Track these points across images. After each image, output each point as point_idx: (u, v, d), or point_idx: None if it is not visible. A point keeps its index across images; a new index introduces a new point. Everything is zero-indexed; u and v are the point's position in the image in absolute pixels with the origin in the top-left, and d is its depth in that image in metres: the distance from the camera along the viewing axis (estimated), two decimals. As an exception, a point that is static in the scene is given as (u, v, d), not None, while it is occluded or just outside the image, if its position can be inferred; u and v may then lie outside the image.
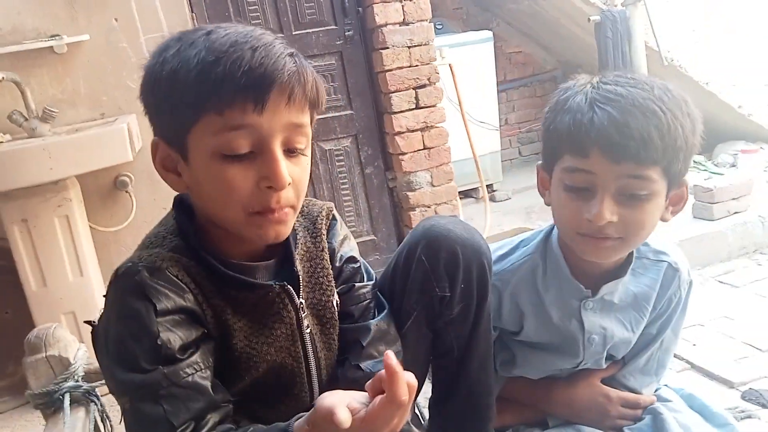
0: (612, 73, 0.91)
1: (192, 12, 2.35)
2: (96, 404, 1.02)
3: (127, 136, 1.88)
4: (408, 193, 2.62)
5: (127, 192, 2.20)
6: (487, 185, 3.26)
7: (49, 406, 0.98)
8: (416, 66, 2.57)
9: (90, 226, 2.07)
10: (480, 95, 3.50)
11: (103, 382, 1.06)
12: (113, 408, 1.26)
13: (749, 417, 1.17)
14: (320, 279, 0.87)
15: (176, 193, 0.82)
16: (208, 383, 0.73)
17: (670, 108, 0.85)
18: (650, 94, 0.85)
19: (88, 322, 0.81)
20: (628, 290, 1.03)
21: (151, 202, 2.26)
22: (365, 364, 0.87)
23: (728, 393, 1.61)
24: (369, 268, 0.97)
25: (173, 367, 0.71)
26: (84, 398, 1.01)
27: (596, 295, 1.01)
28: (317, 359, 0.86)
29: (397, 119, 2.56)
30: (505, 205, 3.49)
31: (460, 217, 2.71)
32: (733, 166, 3.49)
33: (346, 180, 2.68)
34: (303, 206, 0.89)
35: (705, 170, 3.50)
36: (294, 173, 0.73)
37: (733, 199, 2.68)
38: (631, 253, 1.01)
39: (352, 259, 0.92)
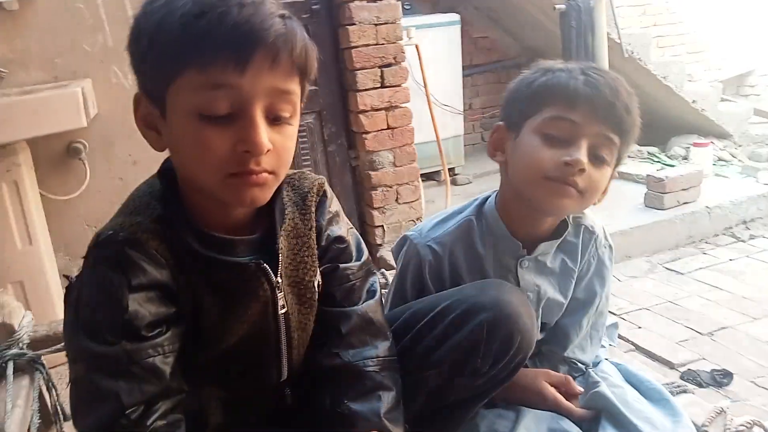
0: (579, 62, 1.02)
1: (153, -24, 2.27)
2: (41, 373, 1.00)
3: (81, 101, 1.81)
4: (370, 173, 2.62)
5: (80, 160, 2.13)
6: (449, 168, 3.29)
7: (-8, 372, 0.96)
8: (382, 44, 2.55)
9: (41, 194, 1.99)
10: (445, 78, 3.51)
11: (50, 350, 1.04)
12: (61, 379, 1.23)
13: (684, 392, 1.23)
14: (304, 257, 0.85)
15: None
16: (167, 369, 0.71)
17: (634, 96, 0.98)
18: (621, 79, 0.98)
19: (66, 277, 0.78)
20: (557, 254, 1.09)
21: (106, 171, 2.19)
22: (344, 353, 0.86)
23: (669, 373, 1.69)
24: (362, 245, 0.94)
25: (137, 344, 0.70)
26: (29, 366, 0.98)
27: (532, 254, 1.07)
28: (289, 338, 0.84)
29: (361, 97, 2.54)
30: (466, 189, 3.53)
31: (422, 200, 2.73)
32: (685, 158, 3.61)
33: (309, 157, 2.66)
34: (294, 179, 0.87)
35: (658, 161, 3.62)
36: (276, 140, 0.70)
37: (683, 189, 2.78)
38: (565, 219, 1.08)
39: (339, 239, 0.89)
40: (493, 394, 0.98)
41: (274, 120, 0.70)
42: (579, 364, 1.13)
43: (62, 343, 1.02)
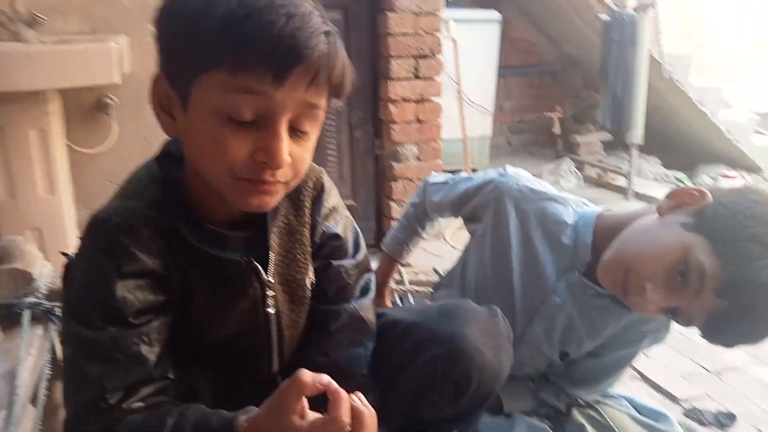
0: None
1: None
2: (55, 324, 1.00)
3: (116, 57, 1.82)
4: (393, 163, 2.61)
5: (108, 115, 2.14)
6: (472, 170, 3.26)
7: (8, 319, 0.96)
8: (421, 35, 2.53)
9: (67, 145, 2.00)
10: (479, 76, 3.47)
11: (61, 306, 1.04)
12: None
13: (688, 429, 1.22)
14: (297, 255, 0.82)
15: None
16: (152, 357, 0.71)
17: None
18: None
19: (65, 254, 0.79)
20: (606, 299, 1.03)
21: (134, 130, 2.19)
22: (333, 352, 0.85)
23: (672, 407, 1.67)
24: (360, 240, 0.91)
25: (123, 331, 0.70)
26: (44, 317, 0.99)
27: (584, 277, 1.02)
28: (280, 336, 0.83)
29: (393, 86, 2.52)
30: (485, 190, 3.51)
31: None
32: (711, 187, 3.56)
33: (333, 141, 2.65)
34: None
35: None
36: (295, 153, 0.68)
37: (706, 218, 2.74)
38: None
39: (335, 236, 0.86)
40: (467, 421, 0.94)
41: (297, 132, 0.68)
42: (580, 401, 1.12)
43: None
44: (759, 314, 0.82)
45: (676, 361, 1.93)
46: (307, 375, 0.62)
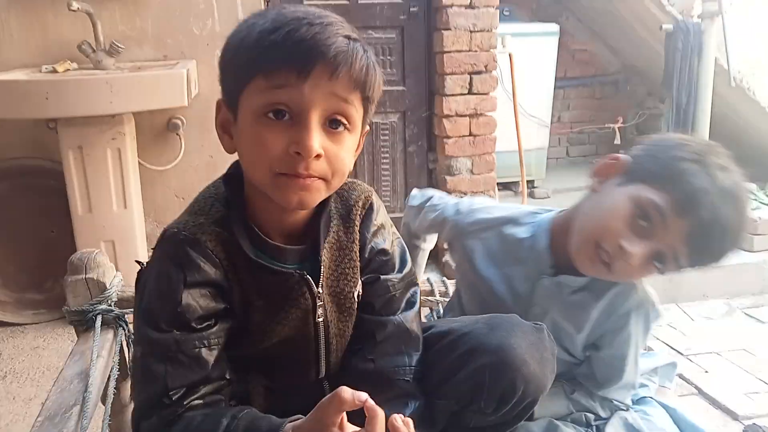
0: None
1: (264, -32, 2.39)
2: (124, 329, 1.10)
3: (185, 82, 1.95)
4: (447, 177, 2.63)
5: (177, 135, 2.28)
6: (528, 180, 3.24)
7: (83, 324, 1.06)
8: (475, 51, 2.56)
9: (139, 162, 2.16)
10: (536, 89, 3.45)
11: (133, 310, 1.14)
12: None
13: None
14: (346, 269, 0.88)
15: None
16: (211, 359, 0.78)
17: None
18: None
19: (138, 263, 0.87)
20: (582, 291, 1.06)
21: (199, 147, 2.33)
22: (378, 359, 0.89)
23: (731, 424, 1.61)
24: (406, 255, 0.95)
25: (186, 335, 0.77)
26: (114, 322, 1.09)
27: (555, 276, 1.05)
28: (327, 343, 0.89)
29: (447, 102, 2.56)
30: (543, 203, 3.47)
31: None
32: (786, 199, 3.37)
33: (388, 155, 2.71)
34: (344, 190, 0.89)
35: (756, 199, 3.40)
36: (329, 148, 0.73)
37: (778, 233, 2.61)
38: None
39: (383, 252, 0.91)
40: (510, 428, 0.95)
41: (330, 126, 0.74)
42: (615, 402, 1.11)
43: (143, 305, 1.12)
44: (722, 213, 0.88)
45: (738, 378, 1.86)
46: (347, 392, 0.67)
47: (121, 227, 2.02)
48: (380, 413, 0.68)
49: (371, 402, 0.68)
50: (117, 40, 2.11)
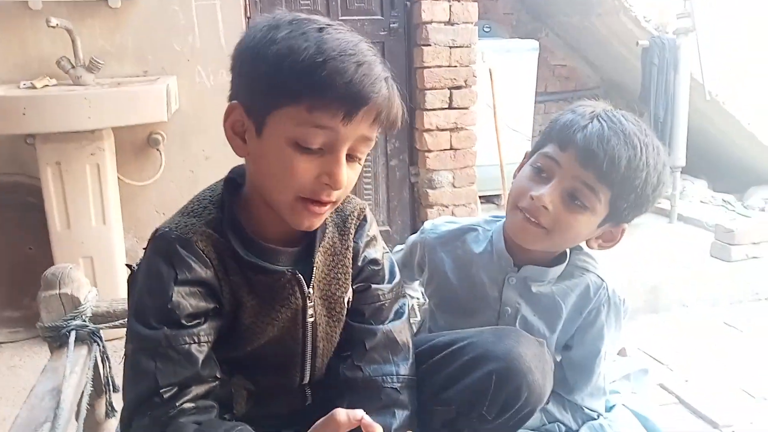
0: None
1: (245, -15, 2.41)
2: (98, 345, 1.09)
3: (166, 97, 1.95)
4: (428, 191, 2.65)
5: (158, 150, 2.28)
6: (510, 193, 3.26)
7: (56, 340, 1.05)
8: (455, 67, 2.59)
9: (119, 178, 2.15)
10: (517, 103, 3.49)
11: (108, 325, 1.13)
12: (116, 353, 1.33)
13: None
14: (338, 274, 0.91)
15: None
16: (201, 356, 0.79)
17: (648, 154, 0.96)
18: (642, 135, 0.97)
19: (128, 266, 0.88)
20: (549, 286, 1.09)
21: (180, 163, 2.33)
22: (366, 367, 0.91)
23: (711, 433, 1.62)
24: (395, 268, 0.99)
25: (176, 331, 0.78)
26: (88, 338, 1.08)
27: (520, 272, 1.08)
28: (314, 347, 0.90)
29: (428, 116, 2.59)
30: (525, 215, 3.49)
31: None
32: (762, 210, 3.43)
33: (370, 170, 2.73)
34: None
35: (733, 210, 3.46)
36: (348, 176, 0.78)
37: (754, 243, 2.65)
38: (564, 255, 1.08)
39: (374, 261, 0.94)
40: None
41: (350, 157, 0.79)
42: (587, 411, 1.12)
43: (120, 320, 1.12)
44: (593, 131, 0.95)
45: (718, 387, 1.87)
46: (342, 414, 0.70)
47: (99, 243, 2.00)
48: (378, 429, 0.71)
49: (368, 419, 0.70)
50: (97, 56, 2.11)
